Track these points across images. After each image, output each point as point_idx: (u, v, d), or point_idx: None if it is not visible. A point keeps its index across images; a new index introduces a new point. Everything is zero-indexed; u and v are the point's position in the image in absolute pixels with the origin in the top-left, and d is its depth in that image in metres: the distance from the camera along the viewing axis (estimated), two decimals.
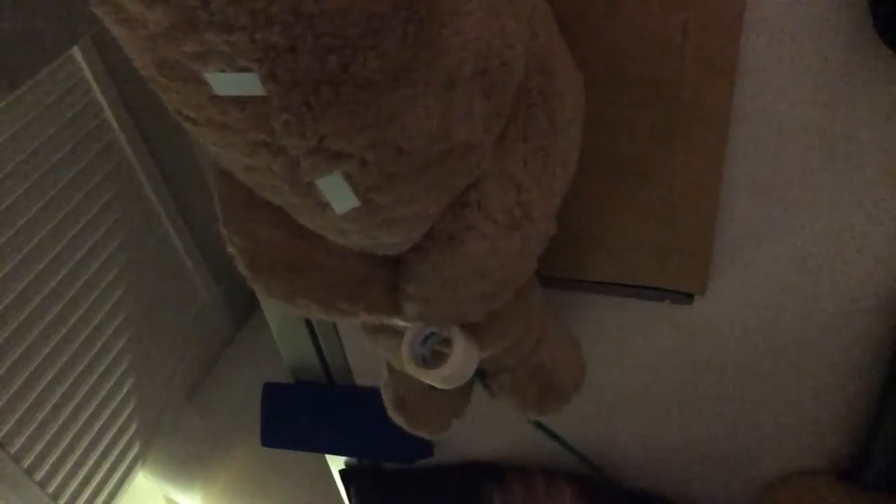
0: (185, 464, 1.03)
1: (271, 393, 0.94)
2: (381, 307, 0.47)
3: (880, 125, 0.47)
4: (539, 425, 0.78)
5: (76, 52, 0.82)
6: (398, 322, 0.48)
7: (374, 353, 0.58)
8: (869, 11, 0.41)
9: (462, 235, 0.41)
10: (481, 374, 0.53)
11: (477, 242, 0.42)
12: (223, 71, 0.29)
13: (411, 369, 0.47)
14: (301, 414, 0.90)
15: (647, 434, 0.82)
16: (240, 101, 0.31)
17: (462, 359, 0.47)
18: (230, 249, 0.47)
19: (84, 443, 0.86)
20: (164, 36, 0.28)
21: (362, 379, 0.75)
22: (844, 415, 0.66)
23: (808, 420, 0.68)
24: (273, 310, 0.70)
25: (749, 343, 0.65)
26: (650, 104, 0.52)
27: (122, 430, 0.92)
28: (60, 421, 0.82)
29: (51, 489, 0.81)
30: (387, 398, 0.61)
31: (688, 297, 0.61)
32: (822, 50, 0.45)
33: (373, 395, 0.72)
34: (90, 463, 0.87)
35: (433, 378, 0.47)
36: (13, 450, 0.76)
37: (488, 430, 0.78)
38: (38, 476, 0.79)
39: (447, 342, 0.48)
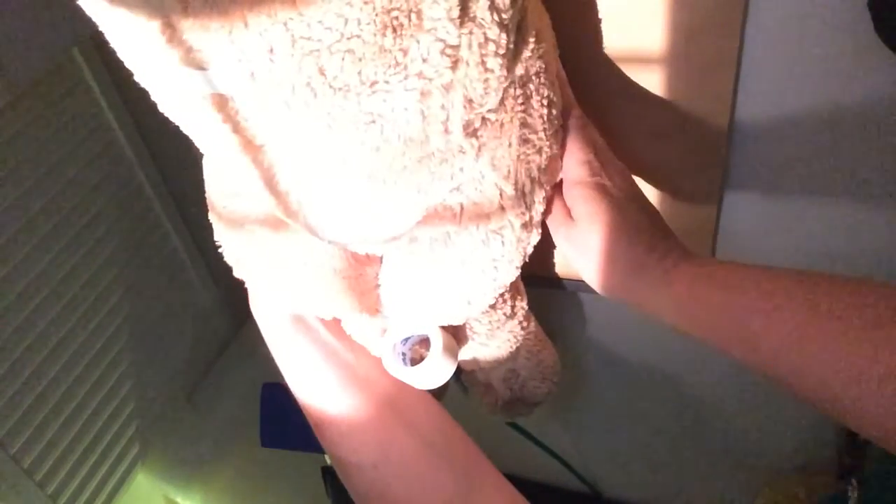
0: (185, 464, 1.03)
1: (271, 393, 0.93)
2: (361, 305, 0.47)
3: (880, 125, 0.47)
4: (514, 426, 0.78)
5: (76, 52, 0.82)
6: (379, 321, 0.49)
7: None
8: (869, 12, 0.41)
9: (443, 239, 0.41)
10: (456, 372, 0.53)
11: (458, 247, 0.42)
12: (203, 69, 0.29)
13: (391, 368, 0.47)
14: (300, 414, 0.89)
15: (646, 433, 0.82)
16: (220, 99, 0.31)
17: (440, 360, 0.47)
18: (217, 239, 0.47)
19: (84, 443, 0.86)
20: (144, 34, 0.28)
21: None
22: None
23: (808, 420, 0.68)
24: None
25: None
26: (651, 104, 0.52)
27: (122, 430, 0.91)
28: (60, 421, 0.82)
29: (51, 489, 0.81)
30: None
31: None
32: (822, 50, 0.45)
33: None
34: (90, 463, 0.87)
35: (411, 377, 0.47)
36: (13, 450, 0.76)
37: (485, 434, 0.77)
38: (38, 476, 0.79)
39: (427, 343, 0.48)
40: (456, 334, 0.50)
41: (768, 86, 0.49)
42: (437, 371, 0.47)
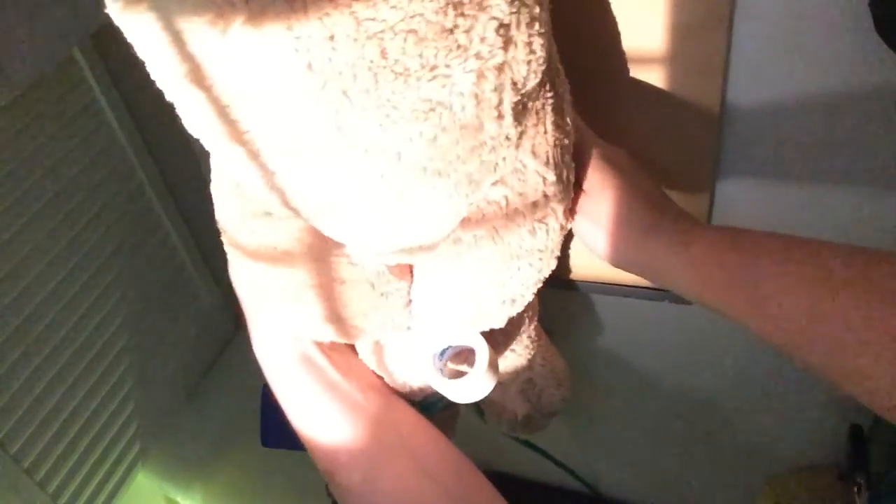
0: (185, 464, 1.03)
1: (271, 393, 0.93)
2: (395, 322, 0.45)
3: (880, 125, 0.47)
4: (524, 442, 0.77)
5: (76, 52, 0.82)
6: (411, 337, 0.47)
7: None
8: (869, 12, 0.41)
9: (491, 235, 0.40)
10: None
11: (506, 241, 0.41)
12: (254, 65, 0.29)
13: (434, 381, 0.45)
14: None
15: (647, 434, 0.82)
16: (264, 100, 0.30)
17: (486, 373, 0.45)
18: (232, 272, 0.46)
19: (84, 443, 0.85)
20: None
21: None
22: (843, 415, 0.66)
23: (808, 420, 0.68)
24: None
25: (748, 342, 0.65)
26: (641, 99, 0.52)
27: (122, 430, 0.91)
28: (60, 421, 0.82)
29: (51, 489, 0.81)
30: None
31: None
32: (822, 50, 0.45)
33: None
34: (90, 463, 0.86)
35: (455, 391, 0.45)
36: (13, 450, 0.76)
37: (487, 436, 0.77)
38: (38, 476, 0.79)
39: (461, 356, 0.47)
40: (491, 340, 0.49)
41: (767, 86, 0.49)
42: (480, 384, 0.45)
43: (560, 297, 0.69)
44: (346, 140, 0.31)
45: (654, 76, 0.50)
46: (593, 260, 0.60)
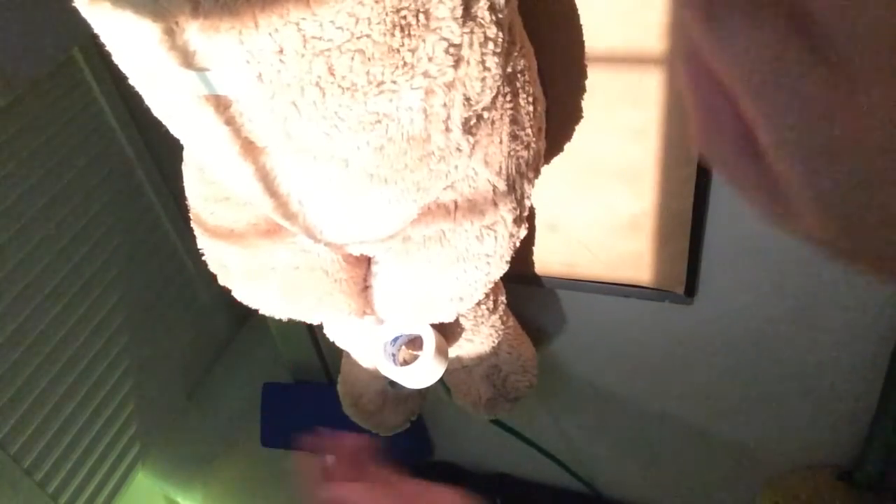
0: (185, 464, 1.03)
1: (271, 393, 0.93)
2: (351, 308, 0.47)
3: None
4: (497, 423, 0.79)
5: (76, 52, 0.82)
6: (368, 322, 0.49)
7: None
8: None
9: (438, 237, 0.42)
10: None
11: (453, 244, 0.42)
12: (205, 71, 0.29)
13: (383, 368, 0.47)
14: (300, 414, 0.90)
15: (647, 434, 0.82)
16: (222, 102, 0.31)
17: (433, 360, 0.47)
18: (200, 247, 0.48)
19: (84, 443, 0.86)
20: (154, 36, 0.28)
21: None
22: (843, 415, 0.66)
23: (807, 420, 0.68)
24: None
25: (748, 343, 0.65)
26: (626, 103, 0.52)
27: (122, 430, 0.92)
28: (60, 421, 0.82)
29: (51, 489, 0.81)
30: (342, 395, 0.61)
31: (687, 297, 0.61)
32: None
33: None
34: (90, 463, 0.87)
35: (403, 376, 0.47)
36: (13, 450, 0.76)
37: (487, 435, 0.77)
38: (38, 476, 0.79)
39: (416, 342, 0.49)
40: (442, 332, 0.51)
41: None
42: (429, 371, 0.48)
43: (561, 297, 0.69)
44: (296, 146, 0.32)
45: (640, 81, 0.50)
46: (594, 260, 0.60)
